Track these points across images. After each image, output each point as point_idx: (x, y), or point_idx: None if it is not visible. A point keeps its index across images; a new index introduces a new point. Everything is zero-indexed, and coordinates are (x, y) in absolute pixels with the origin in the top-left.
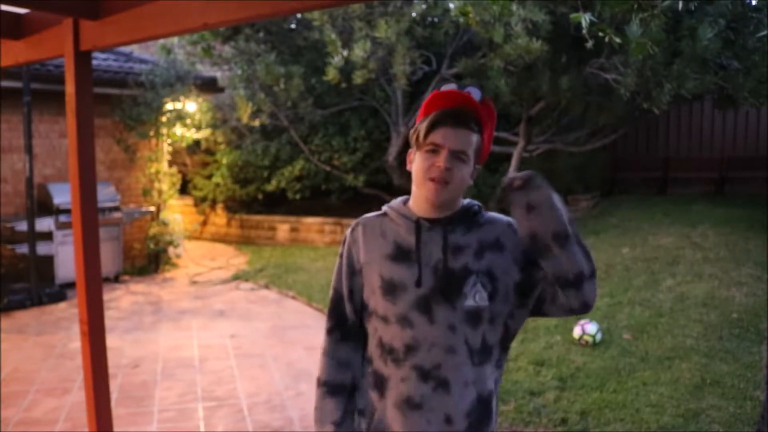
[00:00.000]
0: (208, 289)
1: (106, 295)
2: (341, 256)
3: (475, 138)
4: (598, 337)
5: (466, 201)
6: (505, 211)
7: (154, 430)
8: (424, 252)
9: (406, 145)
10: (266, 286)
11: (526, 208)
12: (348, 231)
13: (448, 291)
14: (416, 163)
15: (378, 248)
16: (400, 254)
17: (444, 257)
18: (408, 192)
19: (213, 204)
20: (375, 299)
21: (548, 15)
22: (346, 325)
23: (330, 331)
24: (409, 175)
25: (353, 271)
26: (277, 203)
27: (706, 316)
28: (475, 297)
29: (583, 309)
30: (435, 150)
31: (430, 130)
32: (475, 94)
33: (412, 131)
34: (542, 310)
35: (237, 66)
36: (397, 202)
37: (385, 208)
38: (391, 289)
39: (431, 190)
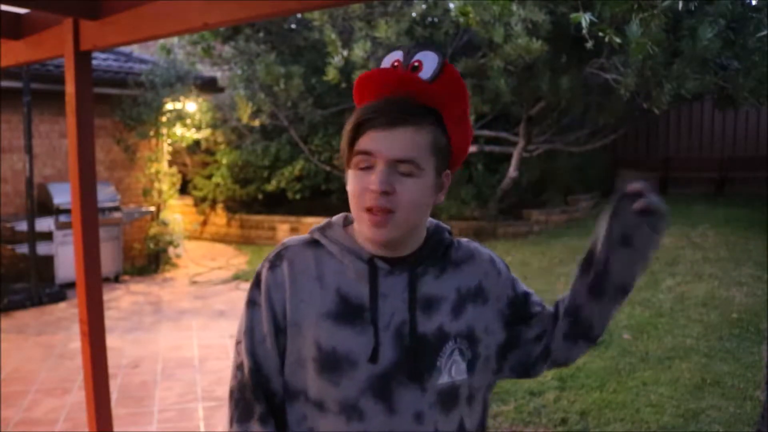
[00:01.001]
0: (208, 289)
1: (106, 295)
2: (253, 304)
3: (427, 135)
4: None
5: (432, 226)
6: (513, 212)
7: (154, 430)
8: (382, 309)
9: None
10: None
11: (636, 236)
12: (263, 265)
13: (416, 367)
14: (348, 185)
15: (312, 298)
16: (347, 312)
17: (411, 317)
18: None
19: (213, 204)
20: (305, 376)
21: (548, 15)
22: (264, 413)
23: (239, 422)
24: None
25: (278, 329)
26: (277, 203)
27: (706, 316)
28: (451, 370)
29: (564, 366)
30: (369, 165)
31: (355, 134)
32: (429, 61)
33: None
34: (520, 373)
35: (237, 66)
36: (336, 225)
37: (316, 234)
38: (332, 364)
39: (369, 226)
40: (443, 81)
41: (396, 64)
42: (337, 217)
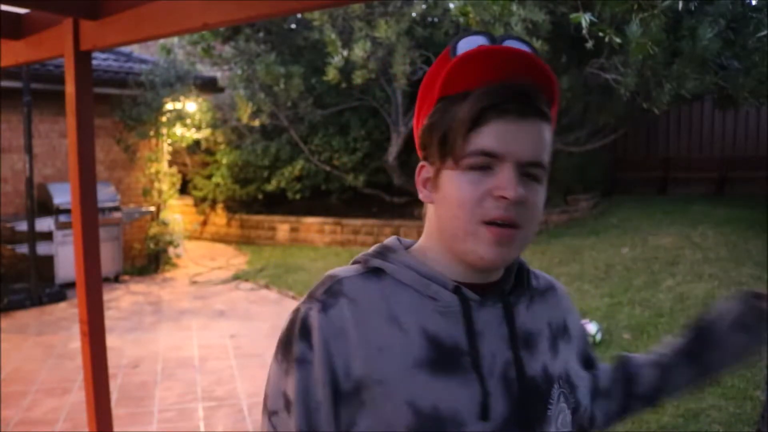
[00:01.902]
0: (208, 289)
1: (106, 295)
2: (300, 361)
3: (551, 133)
4: (598, 337)
5: None
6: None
7: (154, 430)
8: (483, 349)
9: (406, 145)
10: (266, 286)
11: (754, 338)
12: (309, 306)
13: (528, 420)
14: (448, 190)
15: (393, 345)
16: (442, 358)
17: (516, 358)
18: (408, 193)
19: (213, 204)
20: None
21: (548, 15)
22: None
23: None
24: (411, 174)
25: (339, 396)
26: (277, 203)
27: None
28: (559, 421)
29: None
30: (487, 165)
31: (473, 125)
32: (520, 46)
33: (423, 130)
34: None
35: (237, 66)
36: (398, 249)
37: (376, 261)
38: (434, 428)
39: (488, 243)
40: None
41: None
42: (392, 240)
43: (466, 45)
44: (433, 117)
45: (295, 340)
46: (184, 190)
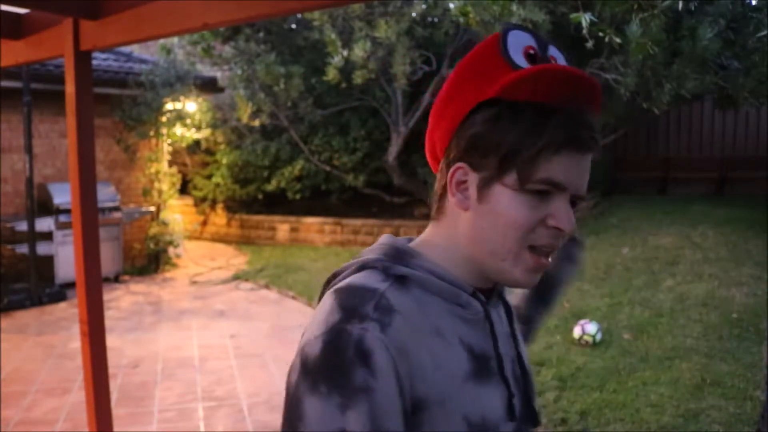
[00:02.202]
0: (208, 289)
1: (106, 295)
2: (367, 391)
3: None
4: (598, 337)
5: None
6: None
7: (154, 430)
8: (503, 352)
9: (406, 145)
10: (266, 286)
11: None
12: (364, 327)
13: (532, 411)
14: (502, 207)
15: (446, 360)
16: (481, 367)
17: (518, 355)
18: (408, 193)
19: (213, 204)
20: None
21: (548, 15)
22: None
23: None
24: (411, 174)
25: (405, 417)
26: (277, 203)
27: (706, 316)
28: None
29: None
30: (547, 191)
31: (549, 155)
32: (562, 61)
33: (475, 134)
34: None
35: (237, 66)
36: (417, 253)
37: (401, 268)
38: None
39: (528, 270)
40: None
41: (532, 52)
42: (402, 242)
43: (515, 40)
44: (493, 123)
45: (353, 368)
46: (184, 190)
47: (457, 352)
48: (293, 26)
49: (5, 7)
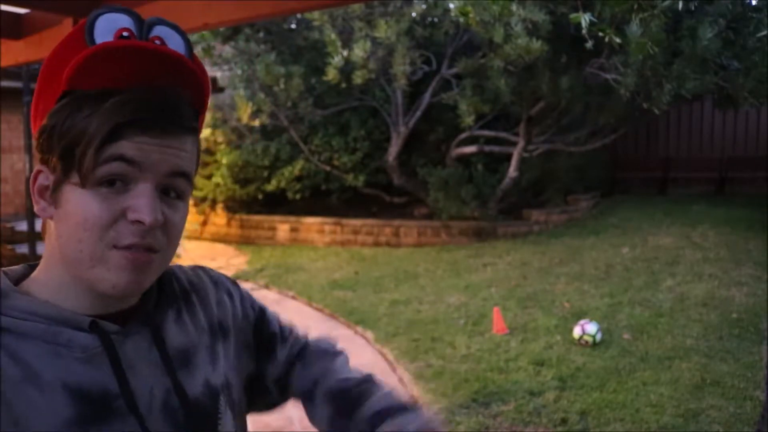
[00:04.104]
0: None
1: None
2: None
3: (196, 144)
4: (598, 337)
5: None
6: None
7: None
8: (137, 387)
9: (406, 145)
10: (266, 286)
11: None
12: None
13: None
14: (72, 207)
15: (41, 410)
16: (92, 410)
17: (175, 383)
18: (408, 193)
19: (213, 204)
20: None
21: (548, 15)
22: None
23: None
24: (411, 174)
25: None
26: (277, 203)
27: (706, 316)
28: (227, 427)
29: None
30: (121, 178)
31: (106, 140)
32: (174, 41)
33: (41, 130)
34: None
35: (237, 66)
36: (8, 292)
37: None
38: None
39: (123, 270)
40: (201, 70)
41: (126, 34)
42: (4, 280)
43: (106, 25)
44: (56, 116)
45: None
46: None
47: (54, 399)
48: (293, 26)
49: (5, 7)
